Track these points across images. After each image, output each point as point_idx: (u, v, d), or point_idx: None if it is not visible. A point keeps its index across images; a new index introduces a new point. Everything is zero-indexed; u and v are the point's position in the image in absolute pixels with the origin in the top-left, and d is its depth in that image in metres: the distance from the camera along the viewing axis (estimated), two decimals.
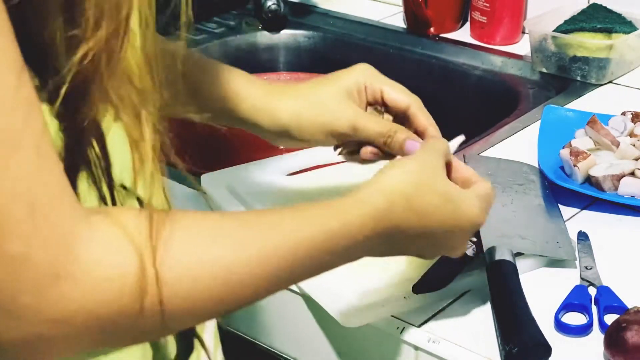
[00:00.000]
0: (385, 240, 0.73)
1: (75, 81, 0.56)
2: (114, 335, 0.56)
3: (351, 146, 0.91)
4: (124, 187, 0.62)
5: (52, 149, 0.54)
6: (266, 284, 0.63)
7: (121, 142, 0.61)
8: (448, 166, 0.80)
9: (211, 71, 0.91)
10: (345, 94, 0.90)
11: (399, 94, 0.91)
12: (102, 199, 0.60)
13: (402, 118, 0.92)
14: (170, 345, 0.68)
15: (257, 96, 0.91)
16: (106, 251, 0.54)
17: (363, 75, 0.91)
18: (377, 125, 0.89)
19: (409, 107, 0.91)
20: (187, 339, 0.69)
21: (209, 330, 0.72)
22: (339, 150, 0.92)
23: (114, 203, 0.61)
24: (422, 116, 0.91)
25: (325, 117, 0.89)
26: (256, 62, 1.69)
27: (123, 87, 0.58)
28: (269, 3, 1.66)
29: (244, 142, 0.97)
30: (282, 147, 1.08)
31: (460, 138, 0.91)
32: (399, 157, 0.87)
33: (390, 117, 0.93)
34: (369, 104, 0.92)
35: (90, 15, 0.55)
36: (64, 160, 0.56)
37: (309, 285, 0.92)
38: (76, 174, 0.58)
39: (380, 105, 0.92)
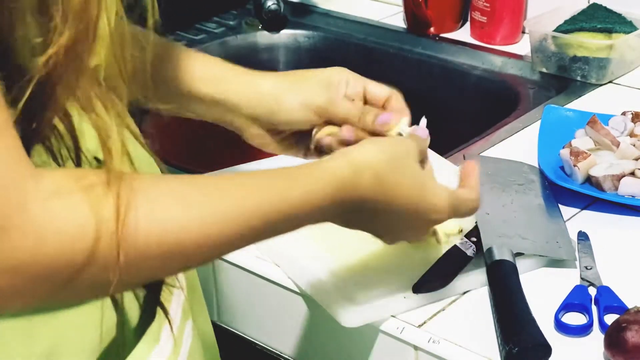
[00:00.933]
0: (347, 210, 0.74)
1: (40, 83, 0.57)
2: (67, 287, 0.58)
3: (328, 130, 0.92)
4: (98, 160, 0.63)
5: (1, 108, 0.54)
6: (220, 244, 0.64)
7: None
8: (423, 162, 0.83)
9: (182, 56, 0.93)
10: (325, 82, 0.93)
11: (380, 87, 0.94)
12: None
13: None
14: (134, 311, 0.69)
15: (238, 74, 0.94)
16: (54, 203, 0.55)
17: (345, 73, 0.94)
18: (351, 106, 0.91)
19: (390, 98, 0.93)
20: (150, 307, 0.70)
21: (176, 302, 0.72)
22: (315, 140, 0.92)
23: None
24: (400, 108, 0.93)
25: (303, 91, 0.92)
26: (256, 62, 1.69)
27: (90, 86, 0.60)
28: (269, 3, 1.66)
29: (244, 142, 0.97)
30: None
31: (424, 120, 0.92)
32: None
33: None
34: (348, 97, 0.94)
35: (56, 21, 0.56)
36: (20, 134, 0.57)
37: (309, 285, 0.92)
38: (30, 148, 0.59)
39: (360, 100, 0.94)
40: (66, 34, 0.56)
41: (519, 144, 1.22)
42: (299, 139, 0.94)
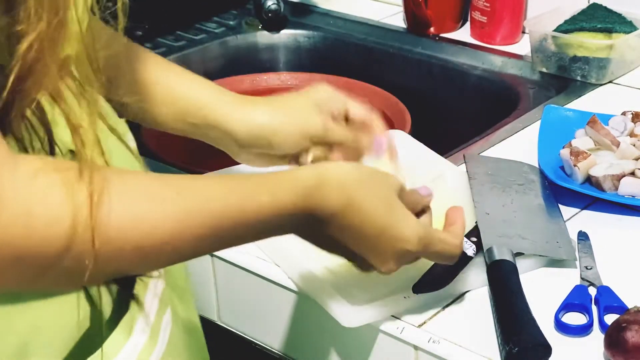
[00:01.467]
0: (316, 223, 0.74)
1: (10, 74, 0.57)
2: (44, 273, 0.59)
3: (320, 152, 0.94)
4: (73, 153, 0.64)
5: None
6: (188, 245, 0.65)
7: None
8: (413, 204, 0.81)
9: (183, 80, 0.94)
10: (314, 105, 0.95)
11: (360, 108, 0.97)
12: None
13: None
14: (107, 303, 0.69)
15: (229, 102, 0.95)
16: (30, 187, 0.56)
17: (326, 93, 0.96)
18: (346, 130, 0.94)
19: (369, 119, 0.96)
20: (125, 298, 0.70)
21: (152, 292, 0.73)
22: (310, 156, 0.94)
23: None
24: (379, 129, 0.96)
25: (299, 119, 0.94)
26: (256, 62, 1.69)
27: (61, 76, 0.60)
28: (269, 3, 1.66)
29: None
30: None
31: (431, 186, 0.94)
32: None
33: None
34: (333, 118, 0.96)
35: (31, 7, 0.56)
36: None
37: (309, 285, 0.92)
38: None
39: (342, 120, 0.96)
40: (38, 25, 0.57)
41: (519, 144, 1.22)
42: (285, 157, 0.96)
